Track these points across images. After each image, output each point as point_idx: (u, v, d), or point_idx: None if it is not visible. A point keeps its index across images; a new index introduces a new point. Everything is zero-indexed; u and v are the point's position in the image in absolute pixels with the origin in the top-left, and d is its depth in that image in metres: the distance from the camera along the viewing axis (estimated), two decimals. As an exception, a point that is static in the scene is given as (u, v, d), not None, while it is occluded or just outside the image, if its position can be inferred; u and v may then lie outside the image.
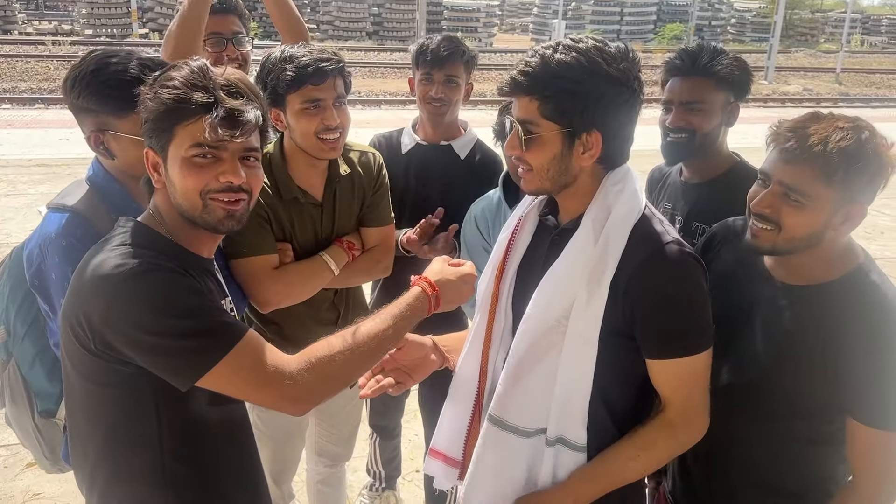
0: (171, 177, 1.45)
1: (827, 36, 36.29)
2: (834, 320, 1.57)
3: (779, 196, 1.59)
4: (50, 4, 32.49)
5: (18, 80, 15.76)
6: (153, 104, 1.42)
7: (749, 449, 1.74)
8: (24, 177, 8.64)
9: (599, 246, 1.54)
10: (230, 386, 1.41)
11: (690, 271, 1.54)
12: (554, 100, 1.51)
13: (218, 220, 1.48)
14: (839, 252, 1.64)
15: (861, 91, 20.67)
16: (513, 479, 1.65)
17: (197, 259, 1.52)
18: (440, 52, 2.58)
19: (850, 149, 1.51)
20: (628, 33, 32.06)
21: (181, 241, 1.49)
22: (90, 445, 1.50)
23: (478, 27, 29.82)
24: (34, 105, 13.57)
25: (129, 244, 1.41)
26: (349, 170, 2.32)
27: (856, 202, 1.55)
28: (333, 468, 2.78)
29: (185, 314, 1.36)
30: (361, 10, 28.49)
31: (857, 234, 1.64)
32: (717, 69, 2.23)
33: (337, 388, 1.49)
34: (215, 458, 1.54)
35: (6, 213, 7.32)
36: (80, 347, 1.40)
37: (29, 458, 3.60)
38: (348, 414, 2.66)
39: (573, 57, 1.49)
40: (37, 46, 20.16)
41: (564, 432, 1.60)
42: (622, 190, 1.58)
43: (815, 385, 1.61)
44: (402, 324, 1.54)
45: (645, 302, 1.51)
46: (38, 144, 10.28)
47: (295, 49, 2.11)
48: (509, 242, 1.76)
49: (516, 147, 1.57)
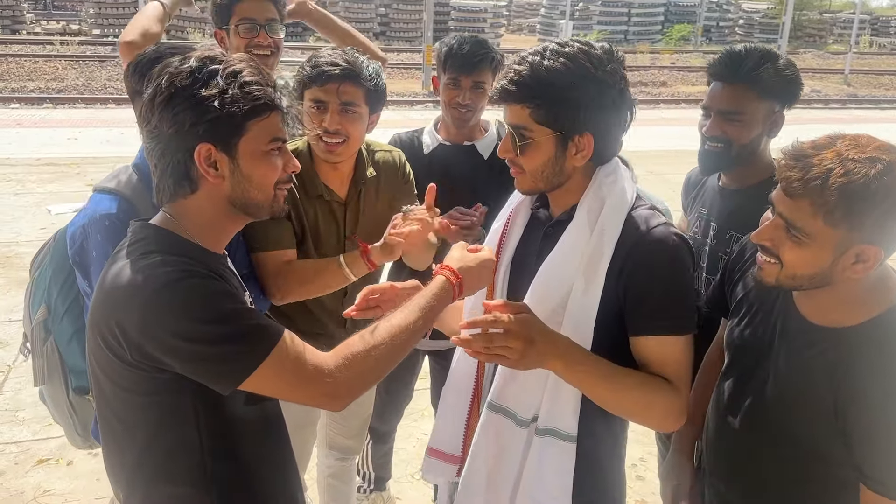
0: (246, 171, 1.45)
1: (835, 37, 36.14)
2: (848, 371, 1.44)
3: (780, 229, 1.46)
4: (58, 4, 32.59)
5: (27, 80, 15.82)
6: (223, 102, 1.38)
7: (763, 483, 1.66)
8: (33, 176, 8.67)
9: (595, 235, 1.58)
10: (272, 387, 1.42)
11: (680, 254, 1.57)
12: (546, 106, 1.54)
13: (280, 208, 1.55)
14: (865, 292, 1.48)
15: (870, 92, 20.60)
16: (507, 468, 1.69)
17: (218, 258, 1.53)
18: (471, 59, 2.56)
19: (852, 187, 1.34)
20: (636, 34, 32.01)
21: (202, 241, 1.48)
22: (128, 452, 1.49)
23: (485, 28, 29.75)
24: (42, 104, 13.60)
25: (157, 251, 1.40)
26: (375, 173, 2.37)
27: (868, 243, 1.38)
28: (344, 461, 2.81)
29: (222, 319, 1.36)
30: (368, 10, 28.51)
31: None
32: (761, 78, 2.06)
33: (373, 382, 1.53)
34: (254, 454, 1.56)
35: (16, 212, 7.35)
36: (114, 358, 1.39)
37: (40, 454, 3.63)
38: (359, 406, 2.68)
39: (562, 63, 1.52)
40: (45, 46, 20.22)
41: (555, 422, 1.62)
42: (615, 181, 1.63)
43: (828, 434, 1.49)
44: (430, 314, 1.56)
45: (637, 282, 1.55)
46: (47, 144, 10.32)
47: (327, 51, 2.19)
48: (501, 236, 1.80)
49: (510, 150, 1.61)
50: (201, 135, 1.39)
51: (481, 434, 1.72)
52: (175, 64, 1.42)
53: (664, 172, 10.05)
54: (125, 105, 13.88)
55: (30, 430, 3.84)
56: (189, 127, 1.38)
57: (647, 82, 20.31)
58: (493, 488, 1.71)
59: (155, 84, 1.41)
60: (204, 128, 1.39)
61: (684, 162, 10.94)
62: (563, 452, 1.62)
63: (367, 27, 28.14)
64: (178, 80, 1.39)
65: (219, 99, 1.38)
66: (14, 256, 6.21)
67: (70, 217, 2.14)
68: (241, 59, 1.46)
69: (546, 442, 1.63)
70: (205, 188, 1.45)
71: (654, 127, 14.12)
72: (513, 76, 1.55)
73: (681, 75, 21.77)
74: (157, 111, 1.39)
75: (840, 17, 37.29)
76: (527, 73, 1.53)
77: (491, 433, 1.71)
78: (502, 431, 1.69)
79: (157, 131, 1.41)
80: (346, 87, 2.14)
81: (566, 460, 1.63)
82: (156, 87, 1.40)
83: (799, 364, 1.54)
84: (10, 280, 5.70)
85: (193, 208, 1.47)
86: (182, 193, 1.46)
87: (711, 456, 1.82)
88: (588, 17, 31.89)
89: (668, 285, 1.56)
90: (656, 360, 1.58)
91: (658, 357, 1.58)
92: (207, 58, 1.42)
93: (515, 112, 1.58)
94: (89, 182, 8.47)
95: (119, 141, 10.54)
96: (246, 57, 1.48)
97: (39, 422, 3.88)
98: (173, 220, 1.47)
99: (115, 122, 11.93)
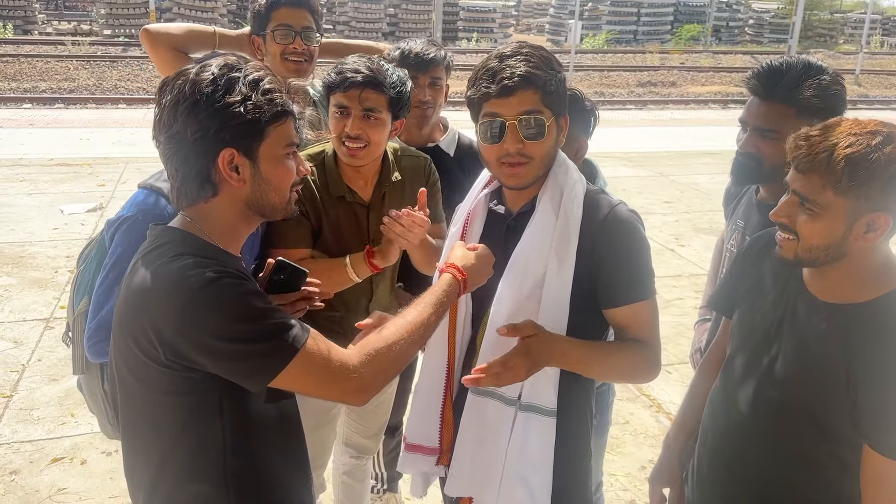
0: (265, 174, 1.50)
1: (846, 37, 35.97)
2: (861, 342, 1.54)
3: (795, 205, 1.59)
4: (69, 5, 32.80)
5: (39, 80, 15.94)
6: (246, 108, 1.43)
7: (764, 466, 1.72)
8: (45, 176, 8.73)
9: (560, 219, 1.75)
10: (300, 383, 1.47)
11: (638, 227, 1.78)
12: (551, 88, 1.72)
13: (292, 209, 1.61)
14: (875, 268, 1.59)
15: (881, 93, 20.53)
16: (496, 448, 1.78)
17: (238, 260, 1.57)
18: (425, 57, 2.69)
19: (855, 157, 1.47)
20: (645, 34, 31.94)
21: (221, 244, 1.52)
22: (154, 452, 1.53)
23: (494, 27, 29.80)
24: (54, 105, 13.71)
25: (188, 253, 1.43)
26: (401, 177, 2.42)
27: (877, 211, 1.50)
28: (359, 460, 2.85)
29: (256, 318, 1.41)
30: (378, 10, 28.56)
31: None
32: (800, 97, 1.98)
33: (394, 376, 1.60)
34: (271, 451, 1.60)
35: (29, 212, 7.40)
36: (145, 359, 1.43)
37: (54, 453, 3.67)
38: (377, 407, 2.73)
39: (545, 55, 1.75)
40: (56, 46, 20.34)
41: (536, 398, 1.76)
42: (566, 171, 1.81)
43: (837, 407, 1.58)
44: (440, 310, 1.67)
45: (609, 259, 1.73)
46: (59, 144, 10.40)
47: (353, 58, 2.25)
48: (461, 237, 1.91)
49: (520, 140, 1.72)
50: (226, 140, 1.44)
51: (467, 420, 1.83)
52: (195, 71, 1.45)
53: (672, 174, 10.05)
54: (136, 105, 13.99)
55: (44, 429, 3.88)
56: (214, 132, 1.43)
57: (657, 82, 20.28)
58: (482, 470, 1.81)
59: (177, 91, 1.44)
60: (229, 133, 1.43)
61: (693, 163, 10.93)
62: (544, 427, 1.76)
63: (375, 27, 28.22)
64: (201, 87, 1.42)
65: (243, 105, 1.42)
66: (28, 256, 6.26)
67: (83, 217, 2.21)
68: (259, 66, 1.50)
69: (528, 418, 1.76)
70: (225, 192, 1.50)
71: (664, 127, 14.12)
72: (525, 65, 1.70)
73: (690, 75, 21.72)
74: (180, 117, 1.42)
75: (851, 17, 37.11)
76: (531, 63, 1.70)
77: (477, 417, 1.81)
78: (489, 412, 1.80)
79: (180, 136, 1.44)
80: (367, 94, 2.18)
81: (547, 434, 1.76)
82: (178, 95, 1.43)
83: (811, 339, 1.62)
84: (24, 280, 5.75)
85: (213, 212, 1.51)
86: (203, 197, 1.50)
87: (712, 442, 1.86)
88: (597, 16, 31.84)
89: (634, 257, 1.75)
90: (633, 325, 1.77)
91: (634, 322, 1.77)
92: (227, 65, 1.46)
93: (527, 98, 1.70)
94: (101, 182, 8.54)
95: (130, 141, 10.62)
96: (261, 65, 1.52)
97: (53, 420, 3.92)
98: (194, 223, 1.51)
99: (126, 122, 12.01)
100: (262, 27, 2.70)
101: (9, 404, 4.10)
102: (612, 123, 14.57)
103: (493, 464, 1.78)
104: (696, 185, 9.51)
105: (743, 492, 1.77)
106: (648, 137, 12.90)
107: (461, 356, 1.90)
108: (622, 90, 18.94)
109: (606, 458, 3.78)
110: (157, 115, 1.48)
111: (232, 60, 1.48)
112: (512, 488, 1.76)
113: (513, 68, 1.69)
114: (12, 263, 6.09)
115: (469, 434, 1.82)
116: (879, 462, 1.54)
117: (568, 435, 1.80)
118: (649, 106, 16.90)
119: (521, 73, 1.68)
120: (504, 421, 1.78)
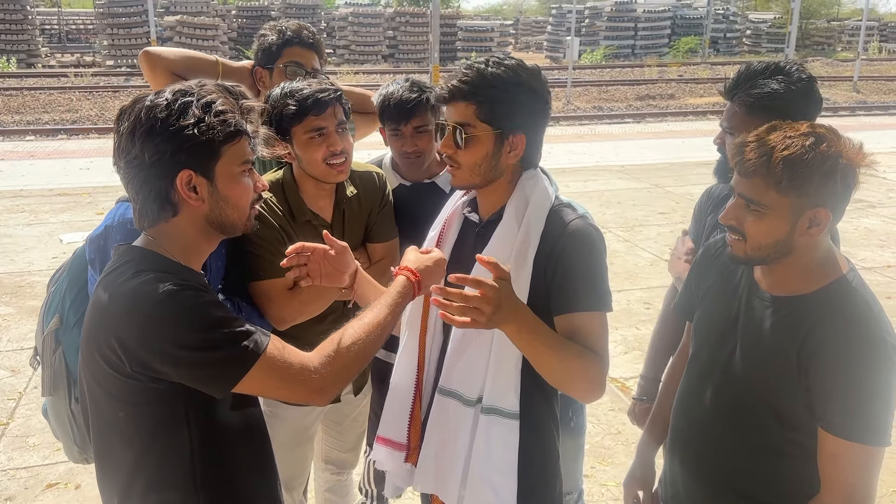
0: (223, 192, 1.57)
1: (844, 44, 36.10)
2: (809, 329, 1.61)
3: (741, 207, 1.66)
4: (72, 37, 33.21)
5: (42, 112, 16.14)
6: (200, 130, 1.49)
7: (731, 458, 1.77)
8: (45, 206, 8.83)
9: (522, 229, 1.80)
10: (263, 387, 1.54)
11: (596, 241, 1.80)
12: (489, 104, 1.76)
13: (251, 224, 1.68)
14: (818, 262, 1.68)
15: (879, 98, 20.48)
16: (457, 448, 1.82)
17: (200, 275, 1.63)
18: (405, 106, 2.53)
19: (792, 156, 1.56)
20: (643, 48, 32.12)
21: (183, 261, 1.58)
22: (124, 463, 1.58)
23: (492, 46, 30.03)
24: (57, 136, 13.86)
25: (148, 269, 1.50)
26: (356, 191, 2.45)
27: (817, 206, 1.59)
28: (340, 475, 2.87)
29: (216, 326, 1.48)
30: (377, 34, 28.87)
31: (871, 242, 1.68)
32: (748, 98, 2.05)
33: (353, 376, 1.66)
34: (238, 458, 1.65)
35: (28, 241, 7.49)
36: (113, 373, 1.49)
37: (49, 479, 3.69)
38: (353, 420, 2.74)
39: (503, 70, 1.77)
40: (59, 79, 20.63)
41: (497, 401, 1.79)
42: (535, 184, 1.86)
43: (793, 396, 1.64)
44: (396, 310, 1.74)
45: (563, 266, 1.76)
46: (60, 174, 10.51)
47: (295, 84, 2.26)
48: (438, 241, 1.98)
49: (451, 146, 1.81)
50: (182, 161, 1.50)
51: (433, 418, 1.88)
52: (150, 98, 1.52)
53: (667, 185, 10.08)
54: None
55: (39, 455, 3.91)
56: (170, 155, 1.49)
57: (655, 95, 20.36)
58: (444, 469, 1.85)
59: (133, 118, 1.51)
60: (184, 155, 1.50)
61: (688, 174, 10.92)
62: (507, 430, 1.78)
63: (375, 50, 28.49)
64: (156, 112, 1.49)
65: (196, 127, 1.49)
66: (26, 286, 6.32)
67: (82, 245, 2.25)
68: (212, 90, 1.56)
69: (491, 420, 1.79)
70: (185, 211, 1.56)
71: (661, 140, 14.15)
72: (462, 77, 1.77)
73: (688, 87, 21.81)
74: (137, 143, 1.49)
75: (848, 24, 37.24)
76: (474, 76, 1.76)
77: (442, 417, 1.86)
78: (451, 413, 1.84)
79: (138, 161, 1.50)
80: (337, 109, 2.25)
81: (511, 437, 1.78)
82: (135, 121, 1.50)
83: (764, 331, 1.70)
84: (22, 309, 5.81)
85: (174, 231, 1.58)
86: (165, 217, 1.56)
87: (681, 440, 1.90)
88: (595, 32, 32.07)
89: (588, 267, 1.77)
90: (581, 335, 1.74)
91: (582, 331, 1.75)
92: (180, 90, 1.53)
93: (460, 110, 1.78)
94: (101, 211, 8.61)
95: (130, 169, 10.69)
96: (215, 87, 1.57)
97: (49, 447, 3.95)
98: (156, 241, 1.58)
99: (127, 150, 12.10)
100: (271, 61, 2.77)
101: (5, 432, 4.14)
102: (610, 137, 14.63)
103: (454, 464, 1.82)
104: (691, 195, 9.52)
105: (713, 486, 1.81)
106: (645, 150, 12.95)
107: (430, 356, 1.95)
108: (621, 104, 19.01)
109: (597, 469, 3.79)
110: (115, 142, 1.54)
111: (186, 86, 1.55)
112: (478, 489, 1.79)
113: (456, 78, 1.77)
114: (11, 293, 6.16)
115: (434, 434, 1.88)
116: (833, 443, 1.59)
117: (532, 436, 1.82)
118: (647, 119, 16.94)
119: (456, 86, 1.76)
120: (465, 422, 1.81)
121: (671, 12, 33.45)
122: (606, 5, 32.16)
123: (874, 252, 7.02)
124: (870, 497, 1.60)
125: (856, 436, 1.56)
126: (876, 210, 8.46)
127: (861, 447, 1.56)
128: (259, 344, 1.50)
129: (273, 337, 1.55)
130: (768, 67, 2.09)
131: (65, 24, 33.55)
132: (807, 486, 1.67)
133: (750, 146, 1.62)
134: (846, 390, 1.56)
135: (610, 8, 31.99)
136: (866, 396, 1.55)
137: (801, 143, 1.57)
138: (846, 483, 1.59)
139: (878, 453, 1.58)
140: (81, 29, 33.64)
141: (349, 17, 28.88)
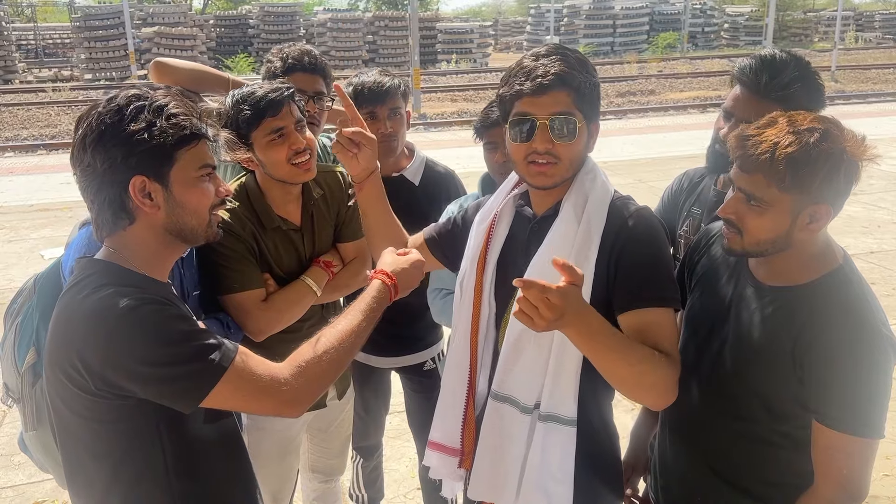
0: (179, 198, 1.51)
1: (821, 35, 36.40)
2: (805, 320, 1.59)
3: (741, 202, 1.62)
4: (49, 52, 32.98)
5: (20, 128, 15.99)
6: (151, 135, 1.45)
7: (722, 448, 1.75)
8: (25, 222, 8.74)
9: (583, 226, 1.70)
10: (232, 400, 1.49)
11: (660, 232, 1.71)
12: (583, 91, 1.67)
13: (214, 233, 1.61)
14: (815, 253, 1.65)
15: (857, 87, 20.66)
16: (512, 455, 1.74)
17: (165, 286, 1.58)
18: (380, 88, 2.61)
19: (796, 154, 1.52)
20: (622, 45, 32.27)
21: (146, 271, 1.53)
22: (97, 481, 1.53)
23: (472, 48, 30.07)
24: (36, 151, 13.74)
25: (109, 283, 1.45)
26: (322, 191, 2.40)
27: (818, 203, 1.56)
28: (328, 483, 2.83)
29: (180, 341, 1.42)
30: (356, 38, 28.81)
31: (854, 229, 1.67)
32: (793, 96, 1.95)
33: (327, 385, 1.61)
34: (215, 471, 1.60)
35: (9, 258, 7.40)
36: (77, 391, 1.43)
37: (35, 497, 3.64)
38: (338, 427, 2.71)
39: (581, 57, 1.71)
40: (37, 94, 20.47)
41: (556, 408, 1.70)
42: (594, 178, 1.76)
43: (786, 385, 1.62)
44: (371, 315, 1.67)
45: (624, 262, 1.66)
46: (40, 189, 10.41)
47: (245, 89, 2.20)
48: (487, 235, 1.86)
49: (549, 141, 1.67)
50: (134, 167, 1.46)
51: (486, 423, 1.79)
52: (103, 104, 1.48)
53: (651, 180, 10.10)
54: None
55: (25, 474, 3.86)
56: (121, 161, 1.45)
57: (636, 91, 20.44)
58: (500, 476, 1.77)
59: (85, 125, 1.47)
60: (136, 160, 1.45)
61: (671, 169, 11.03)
62: (565, 437, 1.70)
63: (355, 55, 28.44)
64: (106, 118, 1.45)
65: (147, 132, 1.45)
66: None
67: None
68: (166, 93, 1.52)
69: (549, 428, 1.71)
70: (142, 219, 1.51)
71: (643, 135, 14.19)
72: (560, 64, 1.65)
73: (668, 83, 21.92)
74: (89, 150, 1.45)
75: (824, 14, 37.58)
76: (567, 63, 1.66)
77: (496, 422, 1.78)
78: (507, 420, 1.76)
79: (91, 169, 1.46)
80: (293, 107, 2.19)
81: (568, 444, 1.70)
82: (86, 128, 1.46)
83: (758, 322, 1.67)
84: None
85: (133, 240, 1.53)
86: (121, 226, 1.52)
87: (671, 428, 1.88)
88: (574, 31, 32.19)
89: (652, 260, 1.67)
90: (648, 334, 1.61)
91: (650, 330, 1.62)
92: (133, 95, 1.49)
93: (559, 99, 1.65)
94: (82, 225, 8.53)
95: (111, 182, 10.60)
96: (171, 91, 1.53)
97: (34, 465, 3.89)
98: (116, 252, 1.53)
99: (108, 164, 11.99)
100: None
101: (-11, 451, 4.08)
102: (592, 134, 14.65)
103: (510, 471, 1.75)
104: (675, 189, 9.54)
105: (702, 475, 1.80)
106: (628, 146, 12.98)
107: (483, 356, 1.86)
108: (602, 101, 19.01)
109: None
110: (71, 150, 1.51)
111: (140, 90, 1.51)
112: (532, 497, 1.73)
113: (547, 67, 1.65)
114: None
115: (489, 439, 1.79)
116: (828, 435, 1.57)
117: (590, 445, 1.74)
118: (629, 115, 16.99)
119: (556, 72, 1.64)
120: (521, 429, 1.74)
121: (649, 8, 33.65)
122: (584, 4, 32.30)
123: (857, 239, 7.08)
124: (864, 488, 1.58)
125: (851, 428, 1.54)
126: (857, 197, 8.45)
127: (856, 439, 1.54)
128: (226, 356, 1.45)
129: (241, 349, 1.49)
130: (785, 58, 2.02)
131: (41, 38, 33.35)
132: (793, 476, 1.66)
133: (753, 140, 1.57)
134: (842, 383, 1.54)
135: (588, 6, 32.14)
136: (862, 389, 1.53)
137: (804, 140, 1.52)
138: (841, 475, 1.57)
139: (873, 445, 1.56)
140: (58, 43, 33.46)
141: (328, 23, 28.79)
